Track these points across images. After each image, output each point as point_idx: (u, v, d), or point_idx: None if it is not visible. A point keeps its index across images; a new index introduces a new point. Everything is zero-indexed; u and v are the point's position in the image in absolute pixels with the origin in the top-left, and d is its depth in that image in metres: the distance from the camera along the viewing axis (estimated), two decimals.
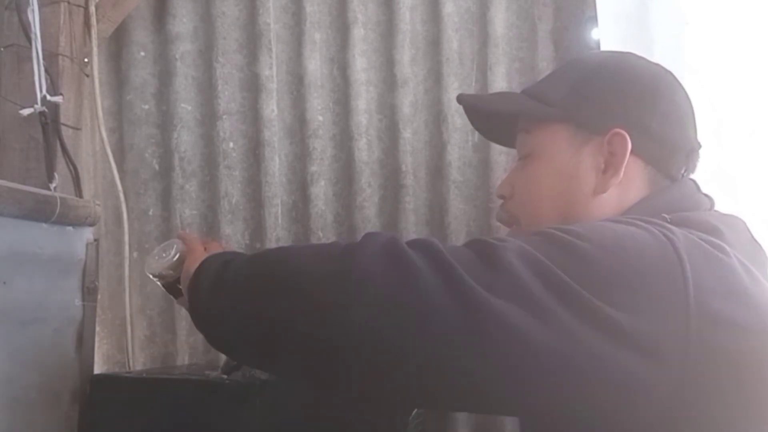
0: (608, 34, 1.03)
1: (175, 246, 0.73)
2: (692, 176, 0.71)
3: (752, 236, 0.64)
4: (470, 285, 0.49)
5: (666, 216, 0.60)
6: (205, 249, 0.73)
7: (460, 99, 0.80)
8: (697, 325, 0.50)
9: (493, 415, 1.06)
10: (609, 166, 0.67)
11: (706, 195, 0.69)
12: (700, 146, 0.71)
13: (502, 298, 0.49)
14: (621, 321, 0.49)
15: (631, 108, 0.68)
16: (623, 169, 0.66)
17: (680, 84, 0.71)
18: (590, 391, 0.49)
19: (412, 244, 0.54)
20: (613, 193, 0.68)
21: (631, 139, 0.66)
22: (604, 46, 1.03)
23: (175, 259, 0.72)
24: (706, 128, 0.72)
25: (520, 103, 0.77)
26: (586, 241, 0.52)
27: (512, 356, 0.48)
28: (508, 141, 0.81)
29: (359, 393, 0.58)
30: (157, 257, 0.73)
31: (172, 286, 0.73)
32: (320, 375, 0.57)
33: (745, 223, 0.65)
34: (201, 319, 0.63)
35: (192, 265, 0.66)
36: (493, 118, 0.82)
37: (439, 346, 0.49)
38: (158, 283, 0.74)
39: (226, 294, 0.60)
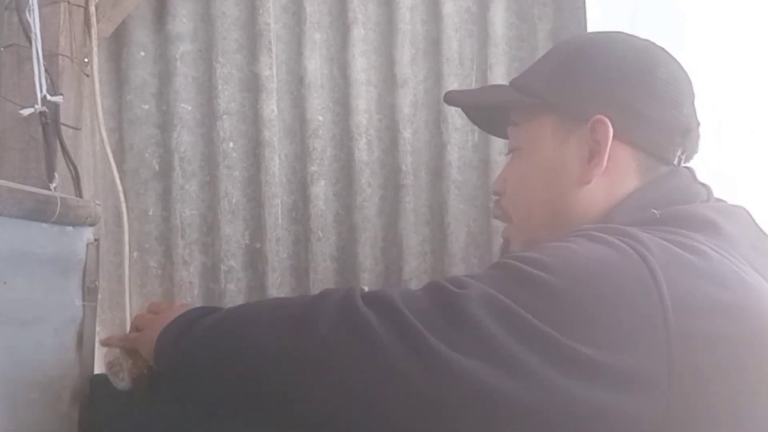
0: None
1: (120, 362, 0.76)
2: (690, 164, 0.67)
3: (756, 225, 0.61)
4: (432, 345, 0.47)
5: (656, 212, 0.58)
6: (137, 329, 0.76)
7: (447, 98, 0.77)
8: (680, 348, 0.48)
9: None
10: (593, 155, 0.64)
11: (702, 184, 0.66)
12: (698, 124, 0.67)
13: (468, 355, 0.47)
14: (596, 358, 0.46)
15: (617, 90, 0.64)
16: (606, 157, 0.63)
17: (674, 59, 0.67)
18: None
19: (368, 301, 0.52)
20: (601, 183, 0.64)
21: (614, 123, 0.62)
22: None
23: (130, 375, 0.75)
24: (706, 128, 0.70)
25: (502, 95, 0.74)
26: (551, 273, 0.50)
27: (486, 414, 0.47)
28: (504, 132, 0.79)
29: None
30: (112, 377, 0.76)
31: (140, 384, 0.76)
32: None
33: (747, 212, 0.62)
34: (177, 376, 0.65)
35: (149, 346, 0.67)
36: (480, 112, 0.80)
37: (408, 413, 0.48)
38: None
39: (191, 367, 0.61)
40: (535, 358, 0.46)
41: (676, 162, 0.65)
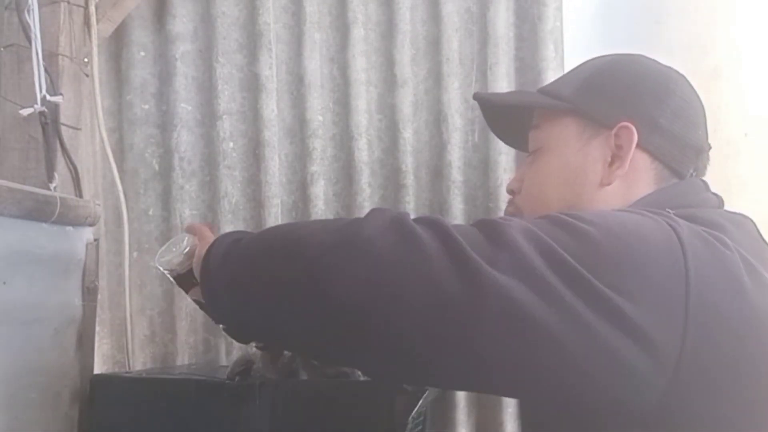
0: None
1: (185, 239, 0.73)
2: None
3: (760, 235, 0.64)
4: (474, 259, 0.49)
5: (670, 211, 0.60)
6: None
7: (476, 96, 0.81)
8: (695, 317, 0.50)
9: (492, 404, 1.06)
10: (615, 159, 0.68)
11: (714, 194, 0.69)
12: (709, 147, 0.71)
13: (506, 274, 0.49)
14: (622, 307, 0.49)
15: (640, 102, 0.68)
16: (629, 161, 0.67)
17: (691, 86, 0.72)
18: (587, 372, 0.49)
19: (418, 220, 0.54)
20: (619, 186, 0.68)
21: (638, 132, 0.66)
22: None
23: (186, 250, 0.71)
24: None
25: (531, 97, 0.78)
26: (590, 225, 0.52)
27: (512, 330, 0.48)
28: (522, 143, 0.81)
29: (359, 363, 0.58)
30: (167, 251, 0.73)
31: (182, 279, 0.73)
32: (322, 343, 0.57)
33: (753, 222, 0.65)
34: (209, 294, 0.63)
35: (203, 248, 0.66)
36: (507, 116, 0.82)
37: (440, 316, 0.49)
38: (169, 276, 0.74)
39: (233, 265, 0.60)
40: (567, 290, 0.48)
41: (688, 177, 0.69)
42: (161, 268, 0.73)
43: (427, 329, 0.50)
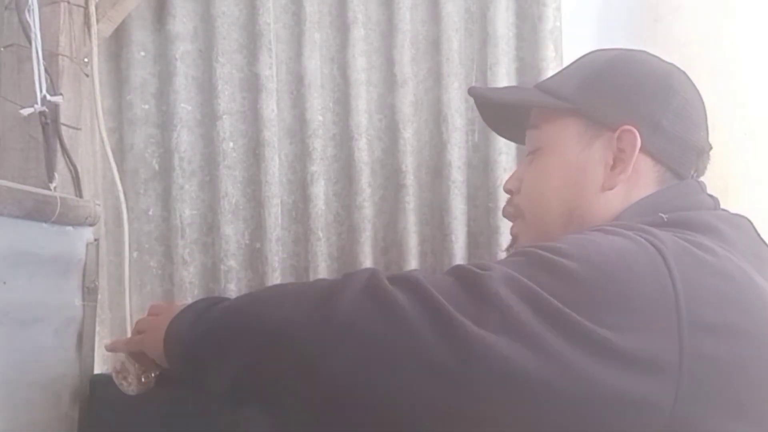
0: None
1: (125, 366, 0.74)
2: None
3: (758, 236, 0.64)
4: (458, 320, 0.48)
5: (663, 215, 0.60)
6: (139, 332, 0.74)
7: (471, 91, 0.79)
8: (690, 337, 0.49)
9: None
10: (618, 162, 0.67)
11: (710, 195, 0.68)
12: (710, 148, 0.70)
13: (492, 331, 0.47)
14: (613, 341, 0.48)
15: (643, 104, 0.67)
16: (631, 166, 0.66)
17: (693, 84, 0.70)
18: (589, 416, 0.48)
19: (393, 280, 0.53)
20: (621, 190, 0.67)
21: (641, 135, 0.65)
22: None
23: (137, 378, 0.73)
24: None
25: (531, 95, 0.76)
26: (571, 260, 0.51)
27: (508, 389, 0.47)
28: (518, 136, 0.80)
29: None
30: (119, 382, 0.75)
31: (162, 379, 0.75)
32: (317, 420, 0.56)
33: (750, 223, 0.64)
34: (191, 372, 0.62)
35: (158, 343, 0.65)
36: (503, 111, 0.81)
37: (433, 384, 0.48)
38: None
39: (212, 354, 0.59)
40: (555, 336, 0.47)
41: (688, 179, 0.69)
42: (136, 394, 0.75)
43: (421, 400, 0.49)
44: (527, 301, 0.49)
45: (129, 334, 1.04)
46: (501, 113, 0.82)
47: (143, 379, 0.74)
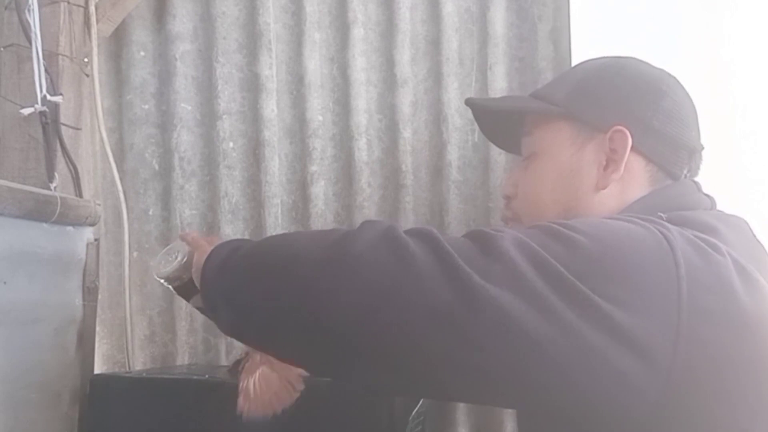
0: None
1: (180, 248, 0.73)
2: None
3: (754, 236, 0.65)
4: (466, 272, 0.49)
5: (662, 215, 0.60)
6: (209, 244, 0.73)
7: (468, 102, 0.81)
8: (688, 321, 0.50)
9: (491, 406, 1.06)
10: (610, 162, 0.68)
11: (706, 195, 0.69)
12: (702, 148, 0.72)
13: (498, 285, 0.49)
14: (614, 315, 0.49)
15: (633, 105, 0.69)
16: (623, 165, 0.67)
17: (683, 87, 0.72)
18: (581, 382, 0.49)
19: (410, 232, 0.54)
20: (614, 190, 0.68)
21: (632, 135, 0.67)
22: (604, 51, 1.03)
23: (184, 261, 0.72)
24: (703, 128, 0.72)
25: (523, 102, 0.78)
26: (582, 234, 0.53)
27: (505, 342, 0.49)
28: (515, 146, 0.81)
29: (352, 378, 0.58)
30: (163, 261, 0.73)
31: (182, 288, 0.73)
32: (316, 358, 0.57)
33: (747, 223, 0.65)
34: (208, 304, 0.63)
35: (202, 258, 0.66)
36: (499, 122, 0.82)
37: (433, 330, 0.49)
38: (168, 286, 0.74)
39: (230, 278, 0.60)
40: (560, 301, 0.49)
41: (682, 178, 0.70)
42: (161, 280, 0.73)
43: (421, 343, 0.50)
44: (534, 263, 0.50)
45: (129, 334, 1.04)
46: (498, 124, 0.84)
47: (185, 265, 0.71)
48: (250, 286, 0.58)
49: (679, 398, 0.50)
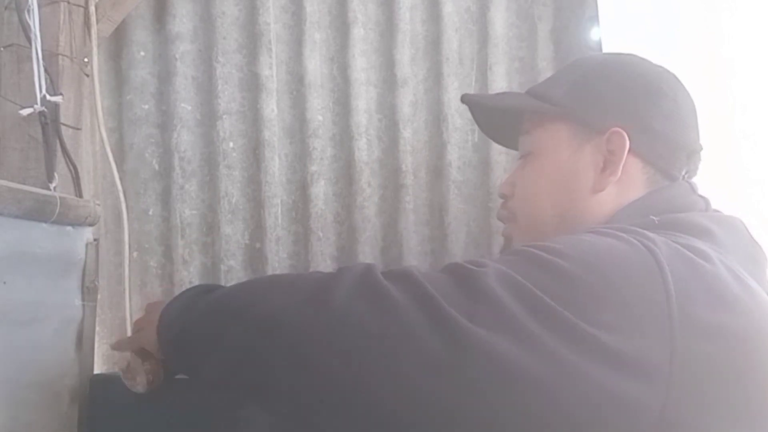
0: (611, 33, 1.03)
1: (133, 366, 0.74)
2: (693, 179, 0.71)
3: (751, 237, 0.64)
4: (452, 316, 0.48)
5: (654, 218, 0.60)
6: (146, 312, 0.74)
7: (465, 98, 0.80)
8: (682, 335, 0.49)
9: None
10: (608, 165, 0.67)
11: (701, 196, 0.69)
12: (701, 148, 0.71)
13: (485, 328, 0.48)
14: (605, 341, 0.48)
15: (632, 106, 0.68)
16: (621, 168, 0.66)
17: (683, 86, 0.71)
18: (581, 414, 0.48)
19: (388, 275, 0.53)
20: (612, 192, 0.67)
21: (630, 137, 0.66)
22: (606, 45, 1.03)
23: (145, 378, 0.73)
24: (715, 128, 0.72)
25: (521, 100, 0.77)
26: (565, 259, 0.51)
27: (500, 384, 0.47)
28: (513, 143, 0.81)
29: (348, 425, 0.56)
30: (128, 381, 0.75)
31: (166, 374, 0.75)
32: (309, 415, 0.56)
33: (743, 224, 0.65)
34: (179, 364, 0.63)
35: (149, 334, 0.66)
36: (496, 118, 0.82)
37: (423, 381, 0.48)
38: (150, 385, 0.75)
39: (206, 325, 0.59)
40: (547, 334, 0.48)
41: (679, 180, 0.69)
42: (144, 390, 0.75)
43: (413, 394, 0.49)
44: (520, 298, 0.49)
45: (129, 334, 1.04)
46: (495, 120, 0.83)
47: (150, 377, 0.73)
48: (229, 348, 0.56)
49: (678, 414, 0.49)
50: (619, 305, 0.49)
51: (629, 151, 0.66)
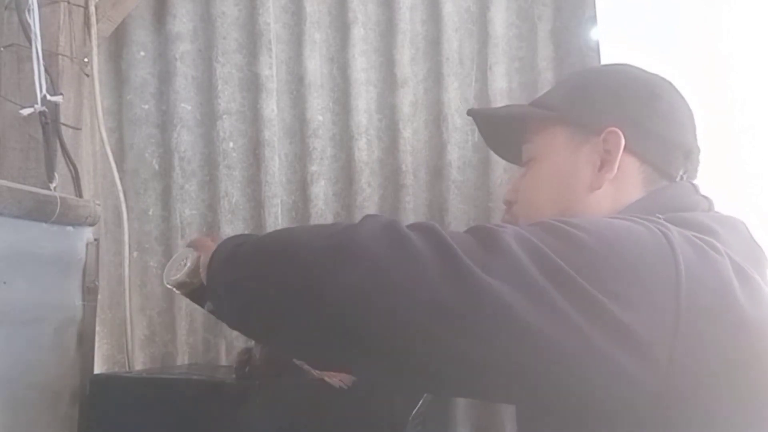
0: (609, 35, 1.03)
1: (187, 254, 0.73)
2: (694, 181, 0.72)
3: (752, 237, 0.65)
4: (467, 265, 0.49)
5: (660, 216, 0.60)
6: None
7: (470, 113, 0.84)
8: (687, 317, 0.50)
9: (491, 405, 1.06)
10: (604, 163, 0.69)
11: (704, 197, 0.70)
12: (699, 151, 0.72)
13: (499, 279, 0.49)
14: (614, 310, 0.49)
15: (627, 106, 0.70)
16: (617, 165, 0.68)
17: (679, 92, 0.73)
18: (579, 377, 0.49)
19: (412, 226, 0.54)
20: (609, 190, 0.69)
21: (626, 136, 0.67)
22: (604, 47, 1.03)
23: (192, 266, 0.72)
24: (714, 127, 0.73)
25: (520, 109, 0.80)
26: (582, 231, 0.53)
27: (505, 336, 0.49)
28: (518, 157, 0.82)
29: (353, 367, 0.59)
30: (173, 269, 0.74)
31: (194, 294, 0.73)
32: (317, 347, 0.57)
33: (744, 224, 0.65)
34: (213, 299, 0.64)
35: (208, 256, 0.67)
36: (500, 130, 0.84)
37: (433, 322, 0.49)
38: (180, 293, 0.74)
39: (234, 270, 0.61)
40: (560, 295, 0.49)
41: (678, 180, 0.70)
42: (172, 288, 0.74)
43: (420, 334, 0.50)
44: (534, 258, 0.51)
45: (129, 334, 1.04)
46: (499, 133, 0.85)
47: (194, 269, 0.72)
48: (253, 275, 0.58)
49: (677, 393, 0.50)
50: (630, 279, 0.51)
51: (625, 149, 0.68)
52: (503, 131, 0.83)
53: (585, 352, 0.49)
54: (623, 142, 0.67)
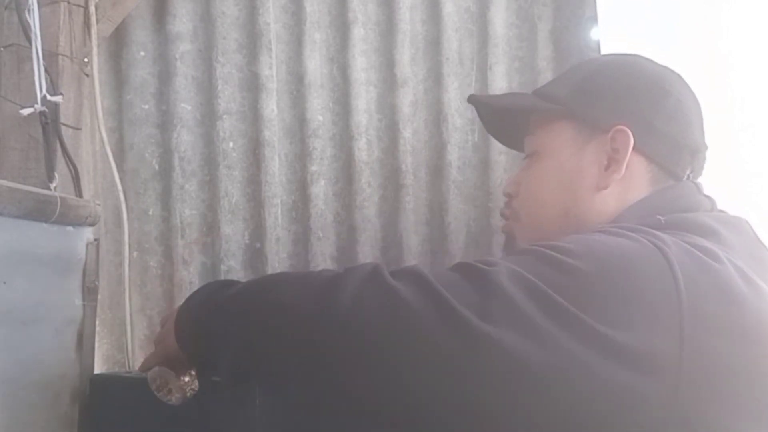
0: (609, 33, 1.03)
1: (157, 379, 0.74)
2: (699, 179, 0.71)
3: (756, 237, 0.64)
4: (462, 313, 0.48)
5: (660, 218, 0.60)
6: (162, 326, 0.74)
7: (471, 99, 0.81)
8: (691, 331, 0.49)
9: None
10: (611, 162, 0.68)
11: (707, 196, 0.69)
12: (706, 148, 0.71)
13: (497, 324, 0.48)
14: (615, 338, 0.48)
15: (636, 105, 0.68)
16: (625, 165, 0.67)
17: (688, 86, 0.71)
18: (589, 408, 0.49)
19: (396, 274, 0.53)
20: (615, 190, 0.68)
21: (634, 135, 0.66)
22: (604, 46, 1.03)
23: (175, 391, 0.73)
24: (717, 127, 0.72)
25: (526, 100, 0.77)
26: (576, 258, 0.52)
27: (512, 380, 0.48)
28: (519, 144, 0.81)
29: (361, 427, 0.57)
30: (168, 399, 0.75)
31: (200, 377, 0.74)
32: (320, 407, 0.58)
33: (749, 224, 0.65)
34: (207, 355, 0.63)
35: (170, 341, 0.67)
36: (503, 119, 0.82)
37: (439, 377, 0.48)
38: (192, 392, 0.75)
39: (221, 318, 0.59)
40: (559, 331, 0.48)
41: (684, 179, 0.69)
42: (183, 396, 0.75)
43: (428, 392, 0.49)
44: (532, 296, 0.49)
45: (129, 334, 1.04)
46: (501, 121, 0.83)
47: (183, 386, 0.73)
48: (243, 337, 0.57)
49: (687, 408, 0.50)
50: (630, 302, 0.50)
51: (633, 148, 0.66)
52: (505, 119, 0.82)
53: (592, 383, 0.48)
54: (632, 141, 0.66)
